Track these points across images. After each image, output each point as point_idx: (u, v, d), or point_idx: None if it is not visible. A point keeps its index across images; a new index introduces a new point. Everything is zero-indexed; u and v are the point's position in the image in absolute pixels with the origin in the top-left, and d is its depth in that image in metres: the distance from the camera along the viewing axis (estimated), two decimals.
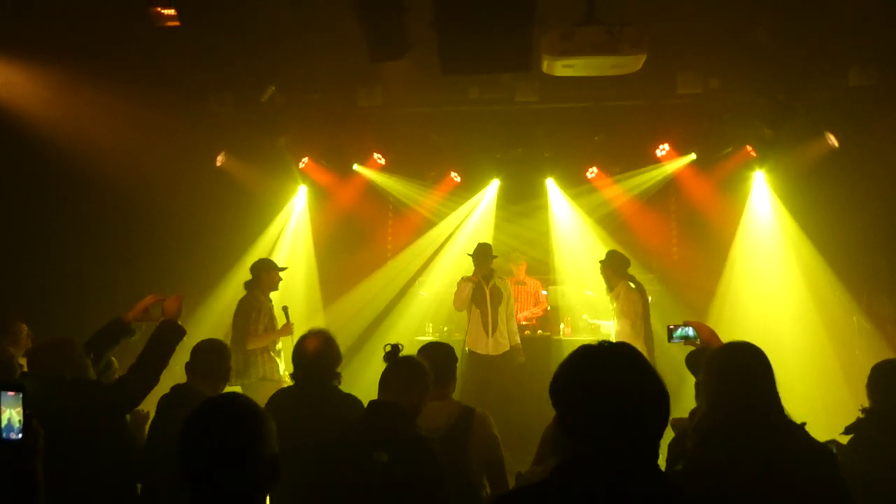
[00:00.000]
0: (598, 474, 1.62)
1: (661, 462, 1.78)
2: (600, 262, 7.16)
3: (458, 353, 4.14)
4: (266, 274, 6.52)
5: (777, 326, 8.12)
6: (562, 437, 1.73)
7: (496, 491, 3.50)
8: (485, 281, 7.34)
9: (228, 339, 6.05)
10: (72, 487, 3.03)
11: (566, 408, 1.71)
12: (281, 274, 6.55)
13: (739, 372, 2.60)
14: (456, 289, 7.47)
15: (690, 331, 3.48)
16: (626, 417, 1.63)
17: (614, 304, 7.02)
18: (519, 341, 7.50)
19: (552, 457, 2.87)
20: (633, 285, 6.94)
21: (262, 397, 3.48)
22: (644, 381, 1.69)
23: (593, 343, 1.77)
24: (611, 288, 7.08)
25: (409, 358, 3.33)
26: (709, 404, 2.66)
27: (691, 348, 3.51)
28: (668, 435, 2.00)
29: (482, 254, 7.38)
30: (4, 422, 2.04)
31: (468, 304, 7.36)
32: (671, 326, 3.59)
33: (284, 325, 6.33)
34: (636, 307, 6.84)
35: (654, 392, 1.69)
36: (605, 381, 1.67)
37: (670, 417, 1.74)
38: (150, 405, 3.74)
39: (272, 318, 6.40)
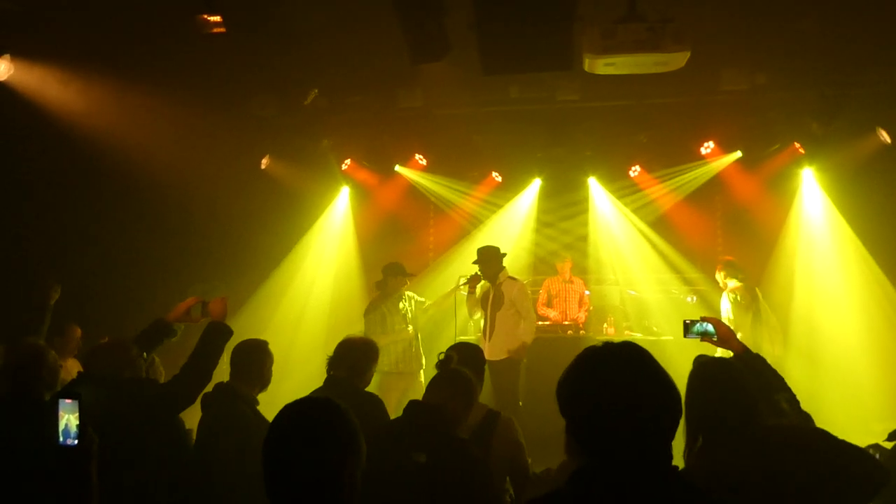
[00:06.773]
0: (615, 481, 1.58)
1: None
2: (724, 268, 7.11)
3: None
4: None
5: (826, 327, 7.91)
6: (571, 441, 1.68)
7: (520, 498, 3.51)
8: (491, 284, 6.87)
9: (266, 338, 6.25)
10: (130, 483, 3.13)
11: (574, 412, 1.66)
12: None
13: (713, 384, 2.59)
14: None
15: (709, 327, 3.25)
16: (637, 419, 1.58)
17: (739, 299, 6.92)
18: (518, 349, 6.65)
19: (567, 455, 2.86)
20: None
21: None
22: (652, 379, 1.64)
23: (598, 344, 1.73)
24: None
25: (459, 370, 3.38)
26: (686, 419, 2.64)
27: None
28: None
29: (481, 258, 6.89)
30: (62, 427, 2.13)
31: (478, 309, 7.01)
32: (688, 321, 3.33)
33: None
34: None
35: (664, 390, 1.63)
36: (613, 382, 1.62)
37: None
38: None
39: None
